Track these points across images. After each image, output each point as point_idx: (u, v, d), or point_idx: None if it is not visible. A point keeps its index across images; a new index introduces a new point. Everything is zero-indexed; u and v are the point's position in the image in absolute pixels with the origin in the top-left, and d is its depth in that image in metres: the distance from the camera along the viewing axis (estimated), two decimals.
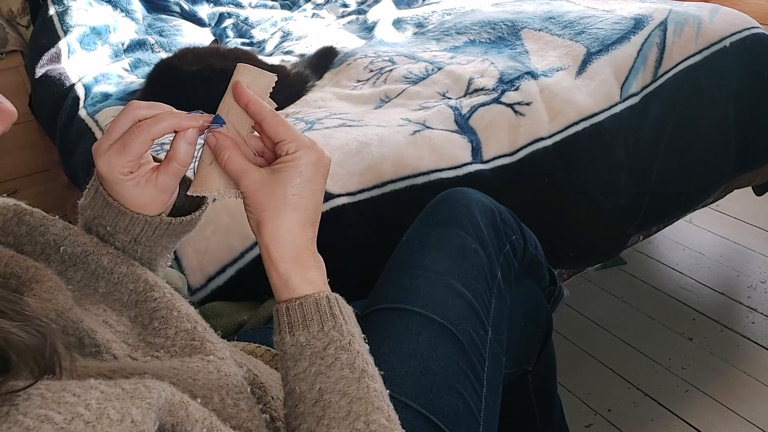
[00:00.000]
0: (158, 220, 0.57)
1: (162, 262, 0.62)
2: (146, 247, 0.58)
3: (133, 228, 0.56)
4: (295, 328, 0.50)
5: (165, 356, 0.50)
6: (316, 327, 0.50)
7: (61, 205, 1.89)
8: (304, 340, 0.50)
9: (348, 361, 0.49)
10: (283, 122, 0.54)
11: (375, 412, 0.48)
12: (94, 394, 0.35)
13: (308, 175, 0.52)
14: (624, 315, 1.59)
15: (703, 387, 1.37)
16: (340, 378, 0.49)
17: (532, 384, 0.94)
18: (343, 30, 1.87)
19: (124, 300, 0.53)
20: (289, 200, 0.52)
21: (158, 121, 0.52)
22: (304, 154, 0.53)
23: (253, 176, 0.53)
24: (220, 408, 0.47)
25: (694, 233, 1.87)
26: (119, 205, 0.55)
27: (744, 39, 1.38)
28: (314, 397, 0.48)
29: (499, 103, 1.22)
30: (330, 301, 0.52)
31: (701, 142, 1.35)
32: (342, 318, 0.51)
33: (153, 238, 0.58)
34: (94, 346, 0.47)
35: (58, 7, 1.82)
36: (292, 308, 0.51)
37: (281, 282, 0.52)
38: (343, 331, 0.51)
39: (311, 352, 0.50)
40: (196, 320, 0.53)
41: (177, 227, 0.59)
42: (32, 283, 0.47)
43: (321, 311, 0.51)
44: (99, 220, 0.56)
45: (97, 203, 0.56)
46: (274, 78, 0.57)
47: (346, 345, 0.50)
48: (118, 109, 1.39)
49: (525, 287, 0.90)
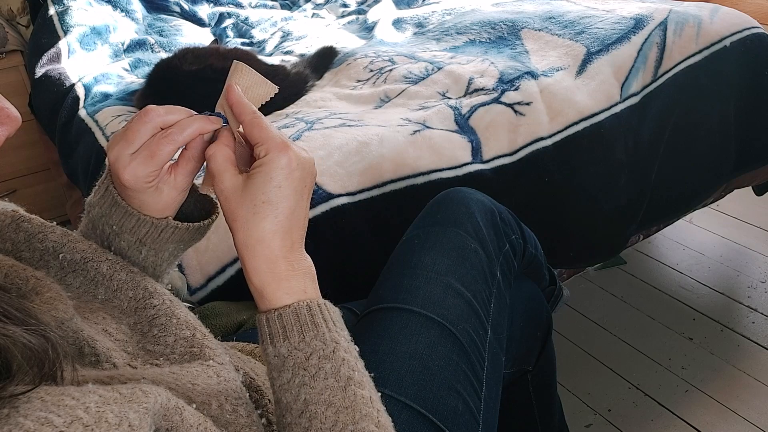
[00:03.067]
0: (164, 222, 0.56)
1: (168, 269, 0.62)
2: (151, 250, 0.58)
3: (139, 229, 0.56)
4: (276, 339, 0.49)
5: (165, 364, 0.50)
6: (297, 338, 0.49)
7: (61, 204, 1.89)
8: (286, 351, 0.49)
9: (332, 370, 0.49)
10: (259, 124, 0.52)
11: (363, 420, 0.47)
12: (93, 398, 0.35)
13: (278, 180, 0.50)
14: (624, 315, 1.59)
15: (703, 387, 1.37)
16: (324, 388, 0.48)
17: (532, 384, 0.94)
18: (343, 30, 1.87)
19: (123, 307, 0.53)
20: (258, 208, 0.50)
21: (184, 128, 0.52)
22: (275, 158, 0.50)
23: (228, 181, 0.51)
24: (218, 414, 0.47)
25: (694, 233, 1.86)
26: (127, 205, 0.55)
27: (744, 39, 1.38)
28: (300, 408, 0.48)
29: (499, 103, 1.22)
30: (311, 309, 0.50)
31: (701, 142, 1.35)
32: (325, 326, 0.50)
33: (159, 240, 0.57)
34: (93, 355, 0.47)
35: (58, 6, 1.82)
36: (271, 319, 0.50)
37: (257, 294, 0.51)
38: (326, 339, 0.50)
39: (293, 363, 0.49)
40: (195, 327, 0.53)
41: (184, 233, 0.58)
42: (32, 294, 0.47)
43: (301, 321, 0.49)
44: (106, 219, 0.56)
45: (105, 202, 0.56)
46: (274, 89, 0.55)
47: (330, 354, 0.49)
48: (118, 109, 1.39)
49: (525, 287, 0.90)
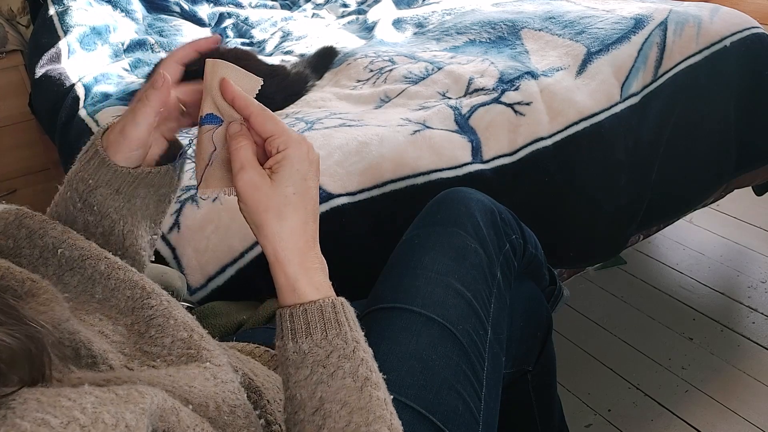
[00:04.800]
0: (139, 170, 0.58)
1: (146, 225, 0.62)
2: (125, 197, 0.59)
3: (116, 180, 0.57)
4: (298, 335, 0.49)
5: (161, 365, 0.50)
6: (320, 335, 0.49)
7: None
8: (307, 347, 0.49)
9: (351, 369, 0.49)
10: (272, 117, 0.53)
11: (377, 421, 0.47)
12: (89, 398, 0.35)
13: (303, 172, 0.52)
14: (624, 315, 1.59)
15: (703, 387, 1.37)
16: (341, 387, 0.48)
17: (532, 384, 0.94)
18: (343, 30, 1.87)
19: (120, 307, 0.53)
20: (289, 199, 0.51)
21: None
22: (297, 149, 0.52)
23: (257, 174, 0.52)
24: (215, 416, 0.46)
25: (694, 233, 1.86)
26: (106, 156, 0.56)
27: (744, 39, 1.38)
28: (314, 405, 0.48)
29: (499, 102, 1.22)
30: (335, 307, 0.51)
31: (701, 142, 1.35)
32: (347, 325, 0.50)
33: (132, 186, 0.59)
34: (90, 357, 0.47)
35: (58, 6, 1.82)
36: (296, 314, 0.50)
37: (288, 286, 0.51)
38: (348, 338, 0.50)
39: (313, 360, 0.49)
40: (192, 328, 0.53)
41: (155, 177, 0.60)
42: (28, 297, 0.47)
43: (325, 318, 0.50)
44: (82, 174, 0.57)
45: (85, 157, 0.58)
46: (260, 82, 0.56)
47: (350, 353, 0.49)
48: (118, 109, 1.39)
49: (525, 287, 0.90)
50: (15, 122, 1.93)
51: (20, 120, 1.93)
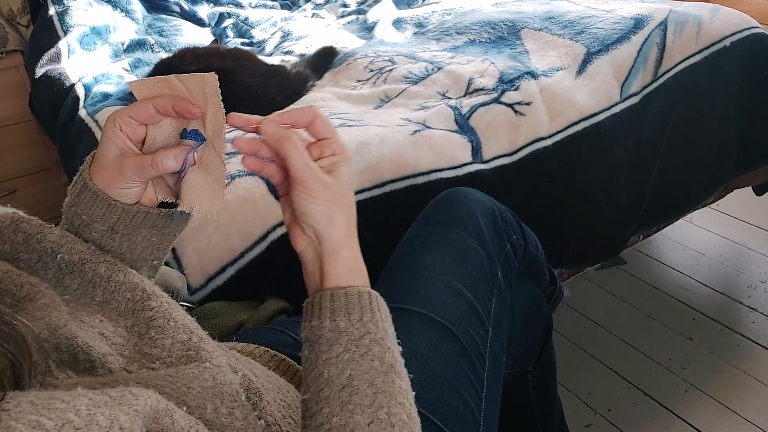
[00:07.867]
0: (136, 208, 0.56)
1: (147, 258, 0.60)
2: (124, 236, 0.57)
3: (110, 216, 0.55)
4: (337, 314, 0.53)
5: (161, 367, 0.50)
6: (356, 316, 0.53)
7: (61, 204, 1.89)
8: (344, 326, 0.52)
9: (379, 354, 0.52)
10: (328, 121, 0.58)
11: (397, 406, 0.50)
12: (83, 401, 0.35)
13: (350, 174, 0.58)
14: (624, 315, 1.59)
15: (703, 387, 1.37)
16: (369, 368, 0.51)
17: (532, 384, 0.94)
18: (343, 30, 1.87)
19: (120, 309, 0.53)
20: (351, 196, 0.57)
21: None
22: (347, 153, 0.58)
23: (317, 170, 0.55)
24: (213, 417, 0.47)
25: (694, 233, 1.87)
26: (98, 189, 0.54)
27: (744, 39, 1.38)
28: (342, 382, 0.50)
29: (499, 102, 1.22)
30: (371, 296, 0.55)
31: (701, 142, 1.35)
32: (379, 314, 0.54)
33: (131, 226, 0.57)
34: (88, 362, 0.47)
35: (58, 6, 1.82)
36: (336, 295, 0.54)
37: (346, 268, 0.55)
38: (379, 326, 0.53)
39: (348, 338, 0.52)
40: (192, 330, 0.53)
41: (156, 218, 0.58)
42: (26, 302, 0.47)
43: (362, 303, 0.54)
44: (75, 208, 0.56)
45: (76, 189, 0.56)
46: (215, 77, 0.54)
47: (380, 339, 0.53)
48: (118, 109, 1.39)
49: (525, 287, 0.90)
50: (15, 122, 1.93)
51: (20, 120, 1.93)
